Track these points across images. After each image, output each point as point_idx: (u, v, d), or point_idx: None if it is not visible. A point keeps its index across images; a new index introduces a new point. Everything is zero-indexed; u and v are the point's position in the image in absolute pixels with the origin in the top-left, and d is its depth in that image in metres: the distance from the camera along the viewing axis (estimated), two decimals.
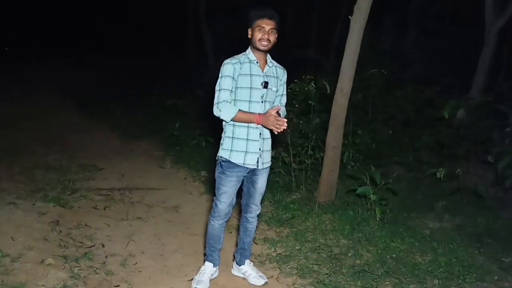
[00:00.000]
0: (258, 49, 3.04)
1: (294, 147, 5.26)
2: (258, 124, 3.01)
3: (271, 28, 3.01)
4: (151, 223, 4.37)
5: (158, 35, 17.92)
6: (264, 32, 3.00)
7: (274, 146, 5.27)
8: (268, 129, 3.03)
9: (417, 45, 9.41)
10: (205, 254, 3.43)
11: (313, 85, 5.10)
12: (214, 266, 3.37)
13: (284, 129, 2.90)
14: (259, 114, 2.99)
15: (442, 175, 4.84)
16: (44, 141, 6.96)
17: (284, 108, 3.28)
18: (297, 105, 5.22)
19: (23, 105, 9.27)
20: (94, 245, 3.85)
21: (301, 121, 5.28)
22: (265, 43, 3.01)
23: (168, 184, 5.45)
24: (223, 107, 2.97)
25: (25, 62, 14.96)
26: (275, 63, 3.21)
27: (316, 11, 13.24)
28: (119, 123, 8.32)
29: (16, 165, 5.73)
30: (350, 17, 4.53)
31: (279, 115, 2.95)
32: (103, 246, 3.85)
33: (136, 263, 3.61)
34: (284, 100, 3.29)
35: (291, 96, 5.19)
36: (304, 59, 10.15)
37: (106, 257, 3.67)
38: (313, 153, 5.25)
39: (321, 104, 5.35)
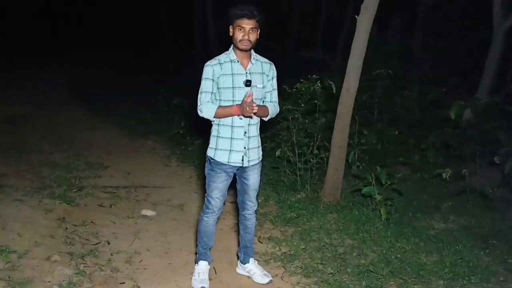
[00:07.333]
0: (239, 49, 3.02)
1: (299, 146, 5.26)
2: (238, 115, 3.00)
3: (252, 28, 2.96)
4: (156, 221, 4.39)
5: (164, 33, 17.97)
6: (244, 32, 2.96)
7: (279, 145, 5.37)
8: (247, 117, 3.01)
9: (425, 46, 9.36)
10: (196, 253, 3.43)
11: (319, 84, 5.09)
12: (209, 264, 3.38)
13: (255, 112, 2.91)
14: (237, 105, 2.98)
15: (448, 176, 4.81)
16: (51, 139, 7.00)
17: (275, 104, 3.21)
18: (303, 105, 5.22)
19: (30, 103, 9.32)
20: (99, 242, 3.87)
21: (306, 121, 5.27)
22: (246, 43, 2.98)
23: (173, 182, 5.47)
24: (204, 108, 3.02)
25: (32, 60, 15.03)
26: (261, 58, 3.16)
27: (323, 12, 13.20)
28: (125, 121, 8.35)
29: (23, 163, 5.77)
30: (356, 16, 4.52)
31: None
32: (108, 243, 3.88)
33: (142, 260, 3.64)
34: (274, 95, 3.22)
35: (297, 95, 5.21)
36: (311, 60, 10.13)
37: (111, 254, 3.70)
38: (319, 153, 5.25)
39: (327, 104, 5.34)
